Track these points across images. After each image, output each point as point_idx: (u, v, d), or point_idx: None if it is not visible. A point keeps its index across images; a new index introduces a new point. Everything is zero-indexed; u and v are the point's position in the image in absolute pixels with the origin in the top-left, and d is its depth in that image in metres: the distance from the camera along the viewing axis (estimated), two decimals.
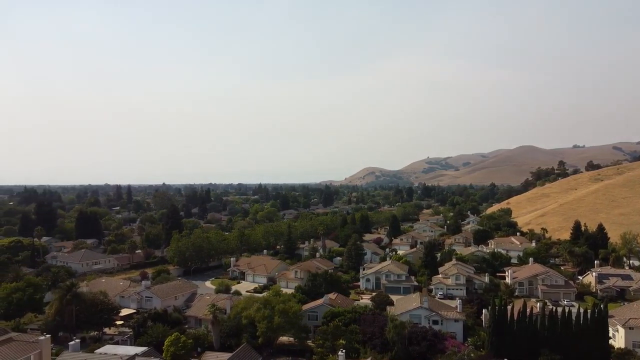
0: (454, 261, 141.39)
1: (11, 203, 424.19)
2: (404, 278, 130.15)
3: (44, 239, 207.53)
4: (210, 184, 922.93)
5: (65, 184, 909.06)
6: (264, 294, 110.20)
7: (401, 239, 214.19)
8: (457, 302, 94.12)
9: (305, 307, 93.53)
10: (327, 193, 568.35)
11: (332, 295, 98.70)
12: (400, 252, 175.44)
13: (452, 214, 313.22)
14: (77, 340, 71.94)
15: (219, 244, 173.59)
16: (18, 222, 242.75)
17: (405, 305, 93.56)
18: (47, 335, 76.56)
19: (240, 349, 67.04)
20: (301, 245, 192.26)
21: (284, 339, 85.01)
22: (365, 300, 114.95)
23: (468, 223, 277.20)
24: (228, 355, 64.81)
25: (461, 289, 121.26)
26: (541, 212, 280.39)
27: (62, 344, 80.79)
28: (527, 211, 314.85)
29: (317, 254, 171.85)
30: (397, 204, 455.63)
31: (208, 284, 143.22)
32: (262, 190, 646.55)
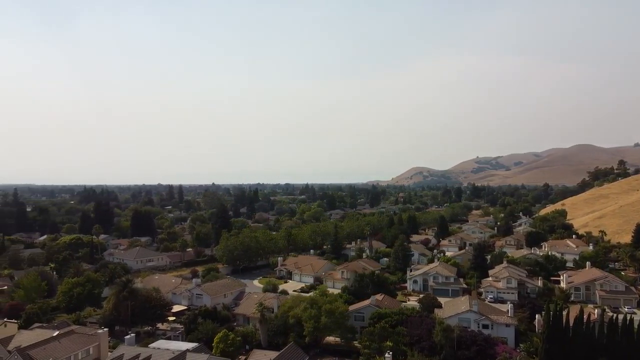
0: (505, 264, 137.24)
1: (72, 202, 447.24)
2: (452, 280, 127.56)
3: (102, 236, 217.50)
4: (258, 184, 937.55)
5: (121, 184, 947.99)
6: (311, 293, 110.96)
7: (449, 241, 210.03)
8: (508, 306, 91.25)
9: (352, 307, 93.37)
10: (373, 193, 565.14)
11: (379, 297, 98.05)
12: (448, 254, 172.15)
13: (502, 215, 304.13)
14: (132, 335, 74.91)
15: (267, 243, 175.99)
16: (78, 221, 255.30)
17: (453, 308, 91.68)
18: (105, 329, 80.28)
19: (288, 347, 67.74)
20: (347, 246, 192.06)
21: (330, 339, 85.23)
22: (413, 302, 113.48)
23: (520, 225, 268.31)
24: (275, 353, 65.62)
25: (513, 293, 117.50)
26: (599, 214, 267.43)
27: (118, 338, 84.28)
28: (583, 213, 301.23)
29: (364, 254, 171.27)
30: (445, 205, 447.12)
31: (256, 282, 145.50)
32: (308, 190, 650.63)
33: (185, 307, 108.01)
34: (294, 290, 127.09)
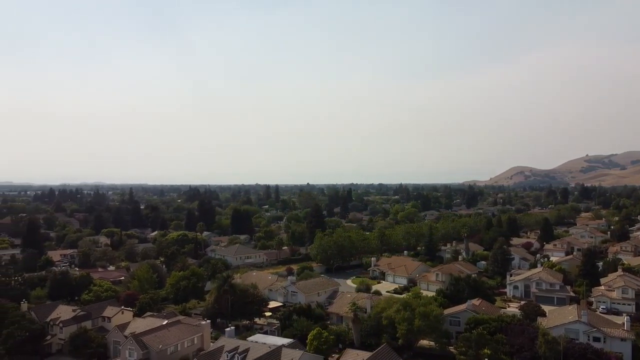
0: (620, 272, 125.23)
1: (179, 201, 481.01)
2: (557, 287, 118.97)
3: (205, 233, 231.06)
4: (352, 184, 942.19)
5: (222, 184, 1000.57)
6: (404, 295, 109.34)
7: (554, 245, 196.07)
8: (624, 319, 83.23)
9: (447, 311, 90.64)
10: (470, 193, 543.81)
11: (476, 301, 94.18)
12: (553, 259, 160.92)
13: (617, 218, 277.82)
14: (232, 328, 78.80)
15: (360, 243, 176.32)
16: (184, 218, 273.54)
17: (559, 318, 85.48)
18: (208, 321, 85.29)
19: (380, 349, 67.30)
20: (442, 247, 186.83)
21: (424, 342, 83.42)
22: (513, 308, 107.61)
23: (638, 229, 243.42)
24: (368, 354, 65.48)
25: (629, 304, 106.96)
26: None
27: (219, 330, 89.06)
28: None
29: (460, 256, 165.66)
30: (549, 206, 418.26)
31: (349, 282, 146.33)
32: (402, 191, 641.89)
33: (281, 304, 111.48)
34: (387, 291, 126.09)
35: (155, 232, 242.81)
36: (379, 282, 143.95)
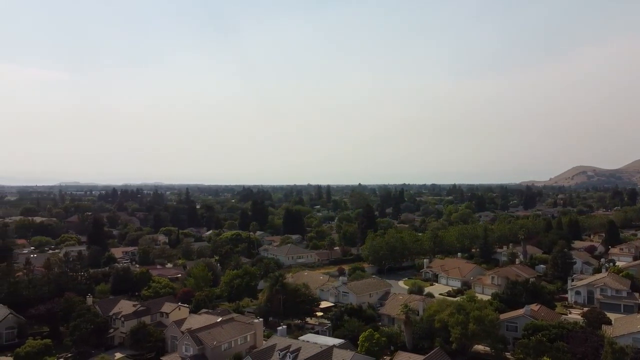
0: None
1: (233, 201, 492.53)
2: (624, 294, 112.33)
3: (258, 233, 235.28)
4: (404, 184, 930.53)
5: (275, 184, 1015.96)
6: (458, 298, 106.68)
7: (621, 249, 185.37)
8: None
9: (503, 316, 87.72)
10: (528, 194, 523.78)
11: (534, 307, 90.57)
12: (619, 264, 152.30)
13: None
14: (284, 326, 79.67)
15: (412, 244, 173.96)
16: (238, 218, 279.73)
17: (627, 327, 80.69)
18: (260, 319, 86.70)
19: (433, 352, 66.03)
20: (498, 250, 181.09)
21: (479, 347, 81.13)
22: (575, 315, 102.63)
23: None
24: (421, 357, 64.41)
25: None
26: None
27: (271, 328, 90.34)
28: None
29: (517, 260, 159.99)
30: (615, 208, 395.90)
31: (401, 283, 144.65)
32: (456, 191, 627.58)
33: (332, 304, 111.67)
34: (440, 294, 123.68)
35: (210, 231, 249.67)
36: (431, 284, 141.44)
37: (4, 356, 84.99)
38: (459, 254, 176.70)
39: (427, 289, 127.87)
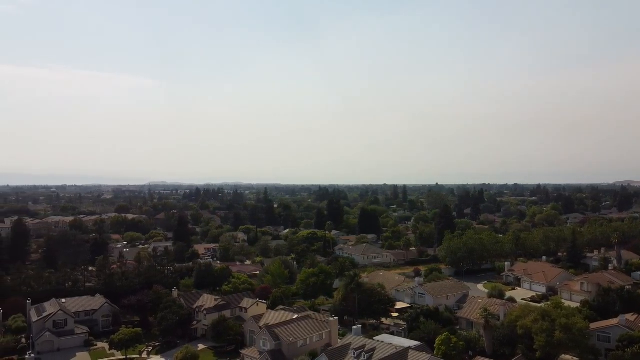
0: None
1: (309, 200, 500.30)
2: None
3: (333, 232, 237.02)
4: (484, 184, 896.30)
5: (350, 184, 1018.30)
6: (543, 304, 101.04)
7: None
8: None
9: (594, 325, 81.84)
10: (623, 195, 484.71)
11: (630, 316, 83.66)
12: None
13: None
14: (359, 326, 79.58)
15: (492, 246, 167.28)
16: (314, 217, 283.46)
17: None
18: (335, 317, 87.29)
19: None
20: (588, 254, 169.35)
21: (566, 357, 76.35)
22: None
23: None
24: None
25: None
26: None
27: (346, 327, 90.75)
28: None
29: (610, 265, 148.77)
30: None
31: (480, 286, 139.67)
32: (541, 191, 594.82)
33: (408, 305, 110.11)
34: (523, 299, 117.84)
35: (287, 230, 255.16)
36: (513, 289, 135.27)
37: (101, 342, 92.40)
38: (544, 257, 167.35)
39: (508, 293, 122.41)
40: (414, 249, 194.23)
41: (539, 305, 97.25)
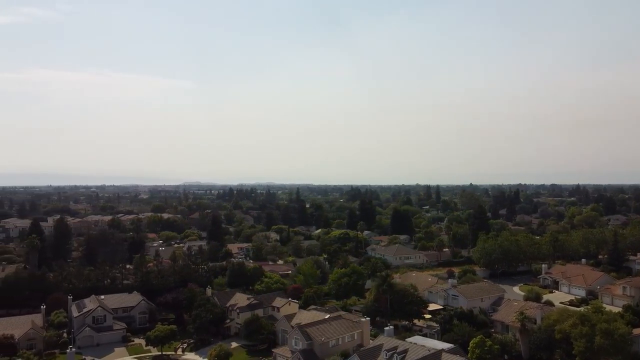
0: None
1: (341, 200, 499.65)
2: None
3: (365, 232, 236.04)
4: (520, 184, 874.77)
5: (382, 184, 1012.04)
6: (582, 308, 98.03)
7: None
8: None
9: (637, 331, 78.84)
10: None
11: None
12: None
13: None
14: (391, 327, 79.10)
15: (529, 248, 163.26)
16: (346, 217, 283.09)
17: None
18: (367, 318, 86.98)
19: None
20: (631, 257, 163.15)
21: None
22: None
23: None
24: None
25: None
26: None
27: (378, 328, 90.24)
28: None
29: None
30: None
31: (516, 289, 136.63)
32: (580, 192, 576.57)
33: (441, 307, 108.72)
34: (561, 302, 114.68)
35: (319, 230, 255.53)
36: (550, 292, 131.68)
37: (137, 338, 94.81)
38: (583, 260, 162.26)
39: (545, 297, 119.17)
40: (447, 250, 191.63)
41: (578, 309, 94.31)
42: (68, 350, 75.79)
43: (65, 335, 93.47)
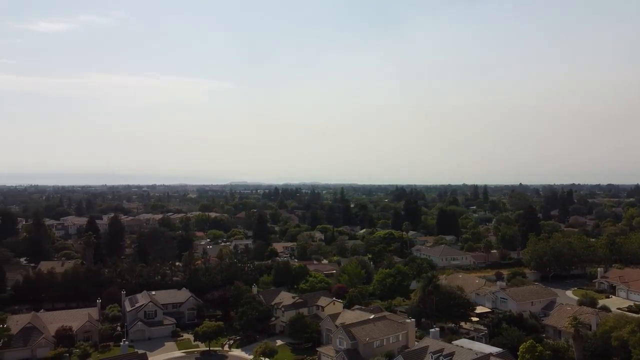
0: None
1: (386, 200, 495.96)
2: None
3: (410, 232, 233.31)
4: (573, 184, 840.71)
5: (428, 184, 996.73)
6: None
7: None
8: None
9: None
10: None
11: None
12: None
13: None
14: (436, 329, 77.96)
15: (583, 251, 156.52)
16: (390, 217, 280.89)
17: None
18: (412, 319, 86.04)
19: None
20: None
21: None
22: None
23: None
24: None
25: None
26: None
27: (423, 329, 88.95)
28: None
29: None
30: None
31: (569, 293, 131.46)
32: (639, 192, 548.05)
33: (489, 310, 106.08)
34: (619, 308, 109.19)
35: (364, 230, 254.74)
36: (607, 297, 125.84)
37: (186, 333, 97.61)
38: None
39: (601, 302, 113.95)
40: (495, 251, 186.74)
41: (637, 315, 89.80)
42: (122, 343, 78.90)
43: (119, 328, 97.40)
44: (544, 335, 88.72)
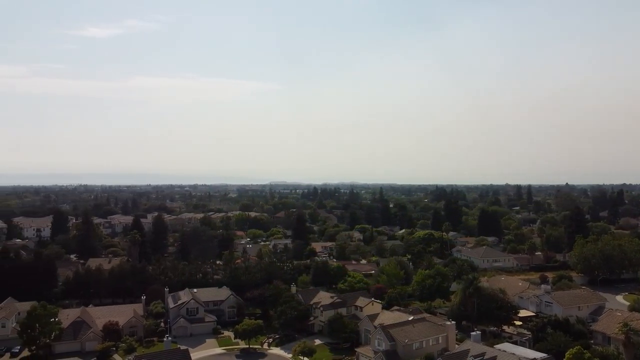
0: None
1: (425, 200, 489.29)
2: None
3: (451, 233, 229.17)
4: (624, 184, 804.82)
5: (469, 184, 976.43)
6: None
7: None
8: None
9: None
10: None
11: None
12: None
13: None
14: (478, 332, 76.32)
15: (635, 254, 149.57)
16: (430, 217, 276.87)
17: None
18: (452, 322, 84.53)
19: None
20: None
21: None
22: None
23: None
24: None
25: None
26: None
27: (464, 332, 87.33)
28: None
29: None
30: None
31: (619, 298, 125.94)
32: None
33: (533, 314, 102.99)
34: None
35: (403, 230, 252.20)
36: None
37: (226, 330, 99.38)
38: None
39: None
40: (539, 253, 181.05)
41: None
42: (165, 339, 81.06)
43: (162, 324, 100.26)
44: (591, 341, 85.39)
